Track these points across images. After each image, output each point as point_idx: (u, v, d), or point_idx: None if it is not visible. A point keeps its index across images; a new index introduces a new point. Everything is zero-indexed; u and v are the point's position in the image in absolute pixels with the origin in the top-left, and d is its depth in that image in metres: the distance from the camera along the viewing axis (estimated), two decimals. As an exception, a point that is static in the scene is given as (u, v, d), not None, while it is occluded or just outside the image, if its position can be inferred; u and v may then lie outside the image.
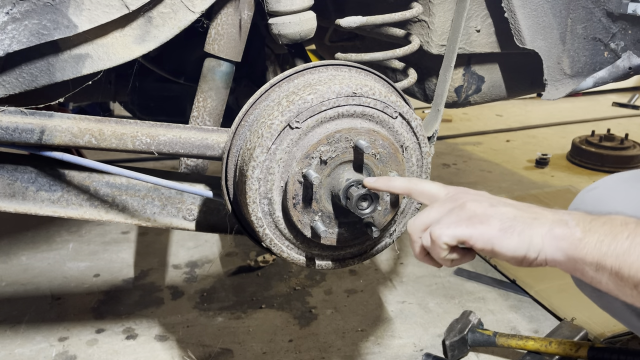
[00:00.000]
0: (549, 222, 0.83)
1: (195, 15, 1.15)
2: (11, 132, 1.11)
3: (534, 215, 0.85)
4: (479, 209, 0.86)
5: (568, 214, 0.85)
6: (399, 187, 0.99)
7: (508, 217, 0.85)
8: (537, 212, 0.86)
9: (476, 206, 0.87)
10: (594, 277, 0.80)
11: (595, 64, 1.53)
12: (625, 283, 0.77)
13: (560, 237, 0.81)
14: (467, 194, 0.92)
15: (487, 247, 0.84)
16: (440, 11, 1.38)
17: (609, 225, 0.80)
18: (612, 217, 0.81)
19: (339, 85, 1.03)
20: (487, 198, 0.90)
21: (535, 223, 0.84)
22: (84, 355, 1.87)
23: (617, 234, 0.78)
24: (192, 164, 1.36)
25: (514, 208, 0.87)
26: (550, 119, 4.71)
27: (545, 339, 1.77)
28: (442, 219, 0.88)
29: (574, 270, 0.82)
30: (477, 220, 0.85)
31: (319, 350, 1.90)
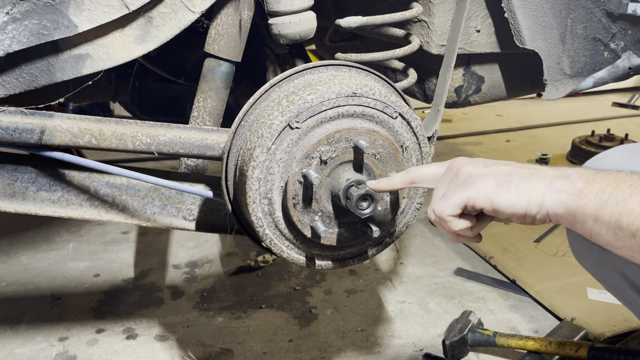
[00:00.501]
0: (549, 176, 0.82)
1: (195, 15, 1.15)
2: (11, 132, 1.11)
3: (532, 171, 0.84)
4: (472, 170, 0.86)
5: (572, 168, 0.83)
6: (400, 182, 1.00)
7: (503, 173, 0.84)
8: (536, 168, 0.85)
9: (470, 168, 0.87)
10: (593, 229, 0.78)
11: (595, 64, 1.53)
12: (625, 232, 0.75)
13: (561, 189, 0.80)
14: (461, 159, 0.91)
15: (487, 205, 0.83)
16: (440, 11, 1.38)
17: (612, 176, 0.78)
18: (617, 172, 0.79)
19: (339, 86, 1.03)
20: (482, 160, 0.89)
21: (533, 178, 0.83)
22: (84, 355, 1.87)
23: (620, 183, 0.76)
24: (192, 164, 1.36)
25: (510, 166, 0.86)
26: (550, 119, 4.72)
27: (545, 339, 1.77)
28: (444, 194, 0.88)
29: (574, 223, 0.81)
30: (471, 181, 0.85)
31: (319, 350, 1.90)
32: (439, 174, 0.95)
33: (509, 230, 2.69)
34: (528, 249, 2.52)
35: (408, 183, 0.99)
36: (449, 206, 0.86)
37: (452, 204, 0.86)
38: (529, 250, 2.50)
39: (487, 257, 2.46)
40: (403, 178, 1.00)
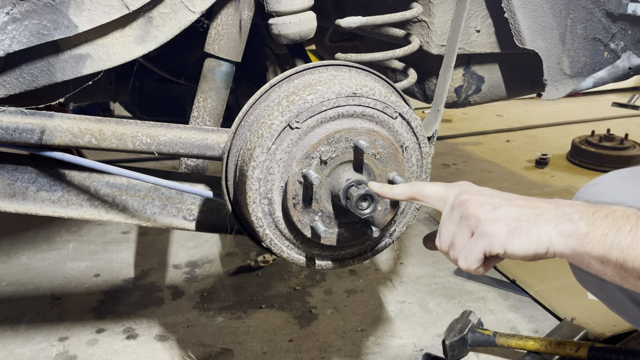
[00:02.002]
0: (553, 217, 0.85)
1: (196, 15, 1.15)
2: (11, 132, 1.11)
3: (537, 211, 0.87)
4: (482, 215, 0.88)
5: (570, 205, 0.86)
6: (402, 194, 1.01)
7: (512, 217, 0.87)
8: (539, 206, 0.88)
9: (479, 212, 0.89)
10: (600, 270, 0.83)
11: (595, 64, 1.53)
12: (630, 274, 0.79)
13: (567, 233, 0.83)
14: (468, 195, 0.92)
15: (501, 251, 0.87)
16: (440, 11, 1.38)
17: (611, 218, 0.82)
18: (613, 209, 0.83)
19: (339, 86, 1.03)
20: (488, 197, 0.91)
21: (539, 220, 0.85)
22: (84, 355, 1.87)
23: (620, 228, 0.80)
24: (192, 164, 1.36)
25: (516, 206, 0.88)
26: (550, 119, 4.72)
27: (545, 339, 1.77)
28: (456, 243, 0.92)
29: (580, 263, 0.85)
30: (483, 231, 0.87)
31: (319, 350, 1.90)
32: (442, 198, 0.96)
33: (509, 230, 2.69)
34: (528, 249, 2.52)
35: (409, 197, 1.00)
36: (473, 262, 0.90)
37: (474, 260, 0.89)
38: (529, 250, 2.50)
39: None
40: (406, 191, 1.00)
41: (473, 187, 0.96)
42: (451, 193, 0.95)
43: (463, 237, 0.91)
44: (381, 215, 1.07)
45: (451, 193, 0.95)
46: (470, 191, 0.94)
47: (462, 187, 0.96)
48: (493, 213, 0.88)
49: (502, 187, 3.32)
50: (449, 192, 0.96)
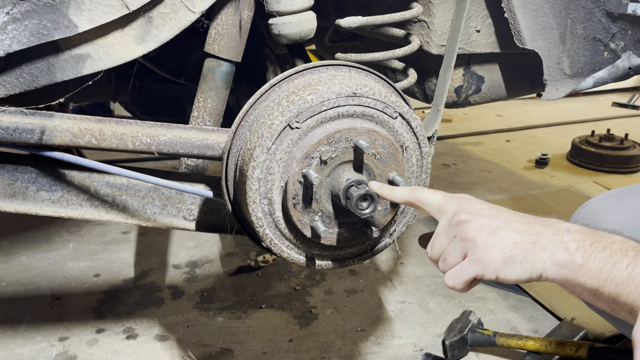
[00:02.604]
0: (550, 245, 0.85)
1: (196, 15, 1.15)
2: (11, 132, 1.11)
3: (534, 238, 0.87)
4: (479, 239, 0.88)
5: (568, 231, 0.85)
6: (401, 196, 1.00)
7: (508, 245, 0.87)
8: (537, 232, 0.87)
9: (477, 236, 0.89)
10: (591, 300, 0.83)
11: (595, 64, 1.53)
12: (621, 308, 0.79)
13: (562, 263, 0.83)
14: (467, 215, 0.91)
15: (493, 277, 0.88)
16: (440, 11, 1.38)
17: (608, 251, 0.81)
18: (612, 240, 0.82)
19: (339, 86, 1.03)
20: (487, 219, 0.90)
21: (535, 248, 0.86)
22: (84, 355, 1.87)
23: (617, 262, 0.79)
24: (192, 164, 1.36)
25: (514, 231, 0.88)
26: (550, 119, 4.72)
27: (545, 338, 1.77)
28: (447, 259, 0.93)
29: (572, 292, 0.85)
30: (478, 256, 0.88)
31: (319, 350, 1.90)
32: (440, 208, 0.96)
33: (509, 230, 2.69)
34: (528, 249, 2.52)
35: (407, 202, 1.00)
36: (460, 283, 0.90)
37: (463, 281, 0.90)
38: (529, 250, 2.50)
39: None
40: (405, 195, 1.00)
41: (473, 204, 0.94)
42: (450, 206, 0.95)
43: (456, 256, 0.92)
44: (381, 215, 1.07)
45: (450, 206, 0.95)
46: (469, 210, 0.93)
47: (462, 202, 0.95)
48: (490, 239, 0.88)
49: (502, 187, 3.33)
50: (448, 204, 0.95)
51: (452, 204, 0.95)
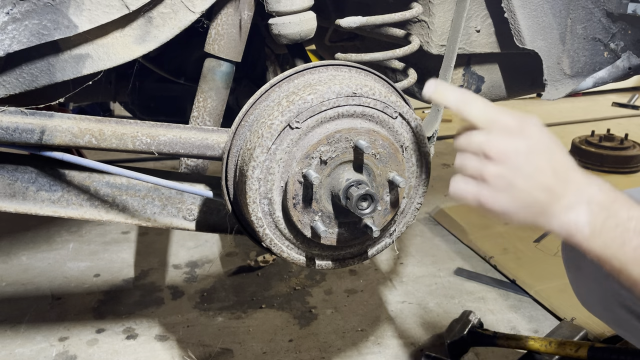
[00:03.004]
0: (563, 210, 0.85)
1: (196, 15, 1.15)
2: (11, 132, 1.11)
3: (550, 198, 0.86)
4: (500, 183, 0.87)
5: (588, 202, 0.85)
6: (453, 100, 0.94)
7: (524, 202, 0.86)
8: (558, 194, 0.86)
9: (504, 171, 0.87)
10: (594, 261, 0.85)
11: (595, 64, 1.53)
12: (624, 281, 0.83)
13: (568, 232, 0.86)
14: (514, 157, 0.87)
15: (499, 216, 0.89)
16: (440, 11, 1.38)
17: (621, 229, 0.82)
18: (629, 217, 0.82)
19: (339, 86, 1.03)
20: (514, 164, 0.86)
21: (548, 211, 0.86)
22: (84, 355, 1.87)
23: (626, 242, 0.81)
24: (192, 164, 1.36)
25: (535, 188, 0.86)
26: (550, 119, 4.72)
27: (545, 339, 1.77)
28: (466, 169, 0.90)
29: (577, 249, 0.87)
30: (491, 197, 0.87)
31: (319, 350, 1.90)
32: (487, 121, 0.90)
33: (509, 230, 2.69)
34: (528, 249, 2.52)
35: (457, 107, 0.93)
36: (461, 197, 0.89)
37: (464, 197, 0.89)
38: (529, 250, 2.50)
39: (487, 257, 2.46)
40: (456, 99, 0.93)
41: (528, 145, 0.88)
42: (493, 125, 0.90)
43: (474, 173, 0.89)
44: (381, 215, 1.07)
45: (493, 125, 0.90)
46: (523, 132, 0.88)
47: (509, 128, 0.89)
48: (510, 189, 0.86)
49: (502, 187, 3.30)
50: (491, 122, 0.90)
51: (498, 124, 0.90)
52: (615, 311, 1.29)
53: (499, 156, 0.87)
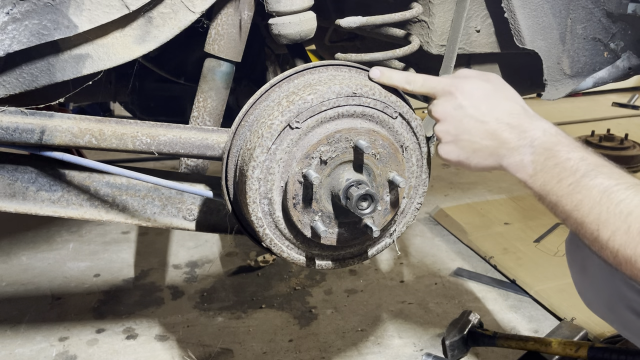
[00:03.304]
0: (509, 152, 0.99)
1: (196, 15, 1.15)
2: (11, 132, 1.11)
3: (496, 143, 1.00)
4: (447, 137, 1.04)
5: (531, 145, 0.98)
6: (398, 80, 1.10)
7: (472, 149, 1.02)
8: (503, 140, 0.99)
9: (446, 136, 1.04)
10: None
11: (595, 64, 1.53)
12: (558, 215, 0.95)
13: (515, 171, 0.99)
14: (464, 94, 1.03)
15: (458, 165, 1.05)
16: (440, 11, 1.38)
17: (559, 168, 0.94)
18: (567, 157, 0.94)
19: (339, 86, 1.03)
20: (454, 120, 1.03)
21: (497, 154, 1.00)
22: (84, 355, 1.87)
23: (562, 179, 0.93)
24: (192, 164, 1.36)
25: (481, 136, 1.01)
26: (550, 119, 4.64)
27: (545, 339, 1.77)
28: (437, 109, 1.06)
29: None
30: (445, 149, 1.05)
31: (319, 350, 1.90)
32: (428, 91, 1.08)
33: (509, 230, 2.70)
34: (528, 249, 2.52)
35: (402, 85, 1.09)
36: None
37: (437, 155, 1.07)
38: (529, 250, 2.50)
39: (487, 257, 2.46)
40: (400, 78, 1.09)
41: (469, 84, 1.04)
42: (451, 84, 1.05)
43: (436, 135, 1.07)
44: (381, 215, 1.07)
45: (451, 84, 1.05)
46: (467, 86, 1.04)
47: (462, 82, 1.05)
48: (465, 134, 1.02)
49: (502, 187, 3.33)
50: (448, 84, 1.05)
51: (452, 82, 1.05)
52: (620, 313, 1.29)
53: (441, 116, 1.04)
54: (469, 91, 1.03)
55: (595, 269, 1.29)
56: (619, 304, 1.28)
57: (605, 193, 0.88)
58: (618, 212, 0.86)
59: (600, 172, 0.91)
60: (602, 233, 0.88)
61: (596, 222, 0.88)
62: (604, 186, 0.89)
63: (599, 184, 0.89)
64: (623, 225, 0.85)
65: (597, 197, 0.88)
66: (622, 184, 0.88)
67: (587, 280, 1.39)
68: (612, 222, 0.86)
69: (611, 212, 0.87)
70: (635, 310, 1.24)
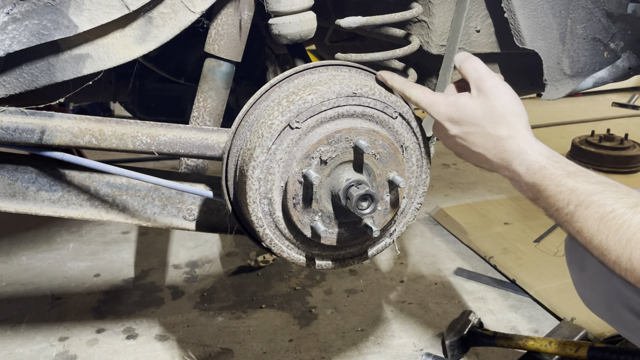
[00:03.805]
0: (510, 177, 1.03)
1: (196, 15, 1.15)
2: (12, 132, 1.11)
3: (492, 167, 1.05)
4: (453, 147, 1.09)
5: (519, 178, 1.01)
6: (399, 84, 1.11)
7: (480, 160, 1.06)
8: (494, 163, 1.03)
9: (453, 146, 1.09)
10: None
11: (595, 64, 1.53)
12: (567, 232, 0.97)
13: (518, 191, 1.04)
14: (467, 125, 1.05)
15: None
16: (440, 11, 1.38)
17: (552, 200, 0.95)
18: (558, 191, 0.95)
19: (339, 86, 1.03)
20: (453, 146, 1.08)
21: (498, 172, 1.05)
22: (84, 355, 1.87)
23: (559, 209, 0.95)
24: (193, 164, 1.36)
25: (484, 161, 1.05)
26: (550, 119, 4.72)
27: (545, 338, 1.77)
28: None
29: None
30: (459, 153, 1.10)
31: (319, 350, 1.90)
32: (424, 106, 1.08)
33: (509, 230, 2.70)
34: (528, 249, 2.52)
35: (400, 91, 1.11)
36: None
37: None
38: (529, 250, 2.50)
39: (487, 257, 2.46)
40: (400, 84, 1.11)
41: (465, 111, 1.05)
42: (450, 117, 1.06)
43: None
44: (381, 215, 1.07)
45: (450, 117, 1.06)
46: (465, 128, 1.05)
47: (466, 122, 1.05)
48: (469, 153, 1.07)
49: (502, 187, 3.32)
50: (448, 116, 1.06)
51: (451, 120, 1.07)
52: (619, 312, 1.29)
53: (439, 138, 1.10)
54: (456, 121, 1.05)
55: (594, 268, 1.30)
56: (617, 303, 1.28)
57: (602, 221, 0.88)
58: (617, 240, 0.86)
59: (592, 202, 0.90)
60: (606, 258, 0.89)
61: (599, 249, 0.89)
62: (599, 215, 0.89)
63: (593, 214, 0.90)
64: (625, 252, 0.86)
65: (595, 226, 0.89)
66: (617, 208, 0.88)
67: (586, 279, 1.39)
68: (613, 249, 0.87)
69: (611, 240, 0.87)
70: (634, 310, 1.24)
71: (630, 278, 0.86)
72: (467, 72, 1.08)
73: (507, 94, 1.06)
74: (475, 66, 1.07)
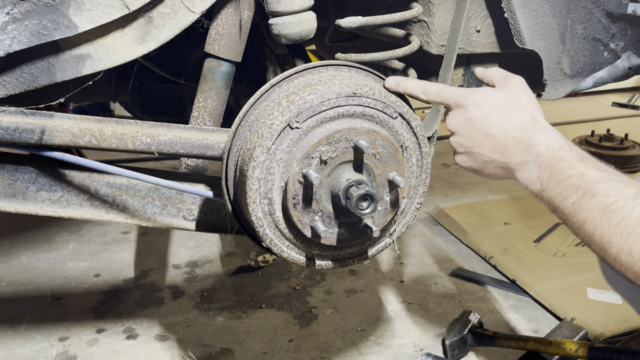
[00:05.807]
0: (517, 167, 1.02)
1: (196, 15, 1.15)
2: (12, 132, 1.11)
3: (504, 157, 1.03)
4: (460, 149, 1.08)
5: (535, 161, 1.00)
6: (413, 88, 1.12)
7: (483, 161, 1.06)
8: (507, 153, 1.03)
9: (459, 147, 1.08)
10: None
11: (595, 64, 1.53)
12: (570, 228, 0.97)
13: (526, 186, 1.02)
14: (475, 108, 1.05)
15: (474, 173, 1.11)
16: (440, 11, 1.38)
17: (562, 186, 0.96)
18: (569, 175, 0.96)
19: (339, 86, 1.03)
20: (465, 134, 1.07)
21: (508, 167, 1.04)
22: (84, 355, 1.87)
23: (566, 198, 0.95)
24: (193, 164, 1.36)
25: (489, 150, 1.04)
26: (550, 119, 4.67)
27: (545, 339, 1.77)
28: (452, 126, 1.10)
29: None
30: (460, 159, 1.10)
31: (319, 350, 1.90)
32: (442, 102, 1.11)
33: (509, 230, 2.70)
34: (528, 249, 2.52)
35: (417, 94, 1.12)
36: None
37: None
38: (529, 250, 2.51)
39: (487, 257, 2.46)
40: (416, 87, 1.12)
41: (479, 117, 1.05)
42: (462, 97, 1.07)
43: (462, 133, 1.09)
44: (381, 215, 1.07)
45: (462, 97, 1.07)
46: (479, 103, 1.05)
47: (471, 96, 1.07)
48: (476, 157, 1.07)
49: (502, 187, 3.32)
50: (459, 96, 1.08)
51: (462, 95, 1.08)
52: None
53: (453, 129, 1.08)
54: (480, 103, 1.05)
55: None
56: None
57: (605, 213, 0.89)
58: (619, 233, 0.87)
59: (598, 190, 0.92)
60: (608, 252, 0.89)
61: (600, 242, 0.90)
62: (603, 205, 0.90)
63: (597, 203, 0.91)
64: (625, 246, 0.86)
65: (598, 217, 0.90)
66: (620, 199, 0.89)
67: None
68: (614, 243, 0.88)
69: (612, 233, 0.88)
70: None
71: (630, 273, 0.87)
72: (491, 74, 1.12)
73: (530, 91, 1.10)
74: (498, 69, 1.14)
